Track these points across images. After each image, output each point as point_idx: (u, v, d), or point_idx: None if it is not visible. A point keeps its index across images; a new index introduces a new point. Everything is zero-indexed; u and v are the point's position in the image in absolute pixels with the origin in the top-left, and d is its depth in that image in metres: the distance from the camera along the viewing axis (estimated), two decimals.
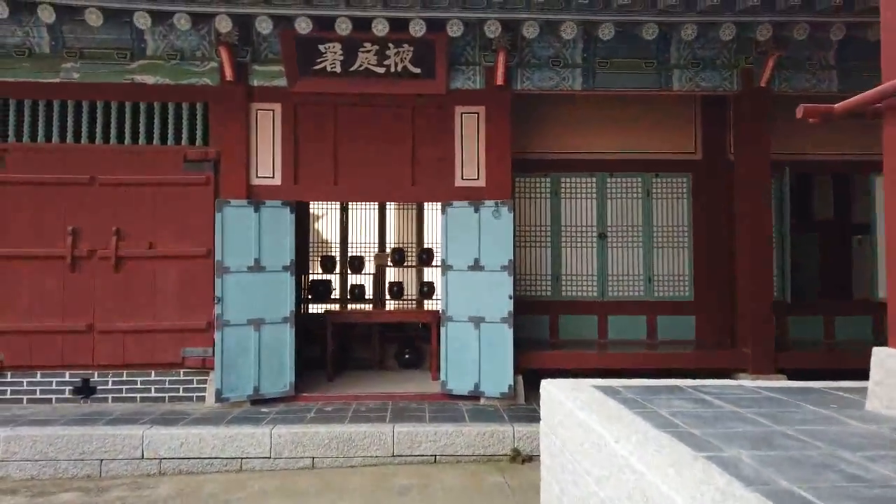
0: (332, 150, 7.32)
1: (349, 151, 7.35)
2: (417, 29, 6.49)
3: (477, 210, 7.15)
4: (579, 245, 8.61)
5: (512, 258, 7.06)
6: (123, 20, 6.67)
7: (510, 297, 7.02)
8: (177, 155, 7.15)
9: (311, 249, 10.10)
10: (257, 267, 6.96)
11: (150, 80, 7.16)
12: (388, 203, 10.21)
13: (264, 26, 6.46)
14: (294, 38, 6.81)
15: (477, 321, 7.08)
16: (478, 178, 7.39)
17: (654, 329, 8.54)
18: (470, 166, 7.39)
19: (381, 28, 6.44)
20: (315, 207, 10.17)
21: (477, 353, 7.05)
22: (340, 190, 7.34)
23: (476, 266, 7.12)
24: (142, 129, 7.21)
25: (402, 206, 10.30)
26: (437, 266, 9.65)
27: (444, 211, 7.25)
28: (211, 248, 6.92)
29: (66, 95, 7.14)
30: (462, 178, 7.39)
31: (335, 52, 7.01)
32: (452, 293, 7.19)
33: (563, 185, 8.64)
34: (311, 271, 9.90)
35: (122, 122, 7.24)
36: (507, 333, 7.00)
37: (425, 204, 10.15)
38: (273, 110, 7.29)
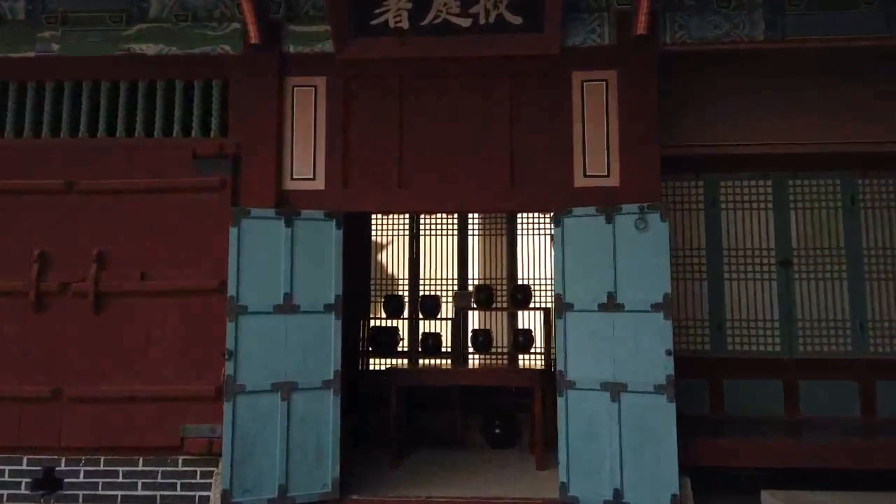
0: (395, 139, 5.25)
1: (420, 142, 5.25)
2: None
3: (610, 220, 4.84)
4: (750, 277, 6.11)
5: (669, 291, 4.67)
6: None
7: (669, 354, 4.60)
8: (183, 150, 5.25)
9: (372, 287, 8.00)
10: (288, 306, 4.87)
11: (151, 49, 5.37)
12: (470, 227, 8.01)
13: None
14: None
15: (615, 389, 4.68)
16: (608, 175, 5.11)
17: (871, 401, 5.84)
18: (596, 158, 5.13)
19: None
20: (378, 233, 8.10)
21: (616, 439, 4.64)
22: (407, 197, 5.22)
23: (611, 304, 4.77)
24: (139, 116, 5.38)
25: (488, 232, 8.08)
26: (535, 308, 7.33)
27: (557, 222, 4.97)
28: (226, 280, 4.89)
29: (42, 75, 5.44)
30: (585, 176, 5.13)
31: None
32: (574, 345, 4.85)
33: (723, 190, 6.22)
34: (371, 315, 7.78)
35: (113, 108, 5.44)
36: (668, 411, 4.56)
37: (519, 224, 7.88)
38: (315, 87, 5.31)
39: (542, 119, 5.23)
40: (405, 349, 7.61)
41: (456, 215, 7.82)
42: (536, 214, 7.72)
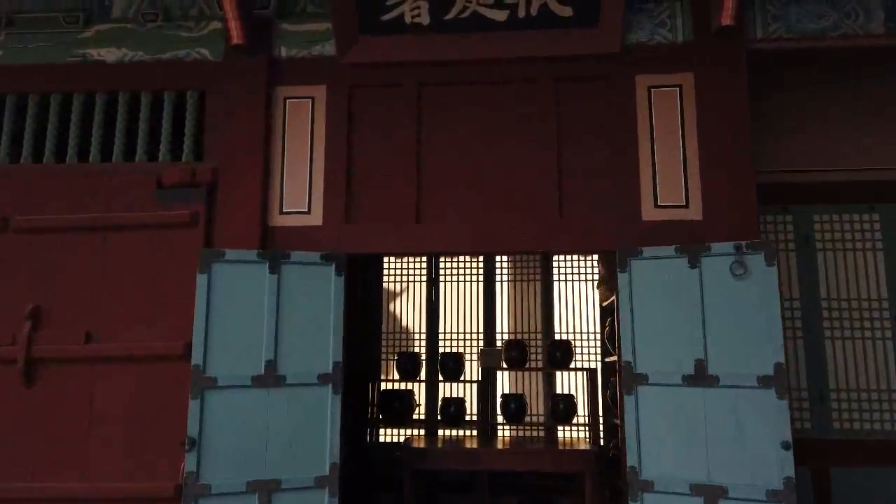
0: (412, 162, 4.18)
1: (443, 165, 4.18)
2: None
3: (695, 263, 3.70)
4: (858, 335, 4.88)
5: (783, 360, 3.48)
6: None
7: (787, 447, 3.39)
8: (145, 178, 4.22)
9: (384, 342, 6.84)
10: (271, 378, 3.75)
11: (112, 54, 4.40)
12: (498, 270, 6.87)
13: None
14: None
15: (711, 495, 3.46)
16: (686, 205, 3.99)
17: None
18: (670, 183, 4.02)
19: None
20: (390, 277, 6.97)
21: None
22: (427, 234, 4.11)
23: (700, 376, 3.59)
24: (94, 136, 4.36)
25: (520, 276, 6.93)
26: (577, 368, 6.13)
27: (623, 266, 3.84)
28: (190, 342, 3.78)
29: None
30: (656, 206, 4.01)
31: None
32: (651, 432, 3.66)
33: (817, 226, 5.05)
34: (382, 376, 6.61)
35: (63, 127, 4.44)
36: None
37: (556, 266, 6.73)
38: (312, 98, 4.29)
39: (597, 134, 4.15)
40: (422, 417, 6.41)
41: (481, 256, 6.70)
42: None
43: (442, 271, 6.88)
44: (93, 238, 4.16)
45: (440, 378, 6.35)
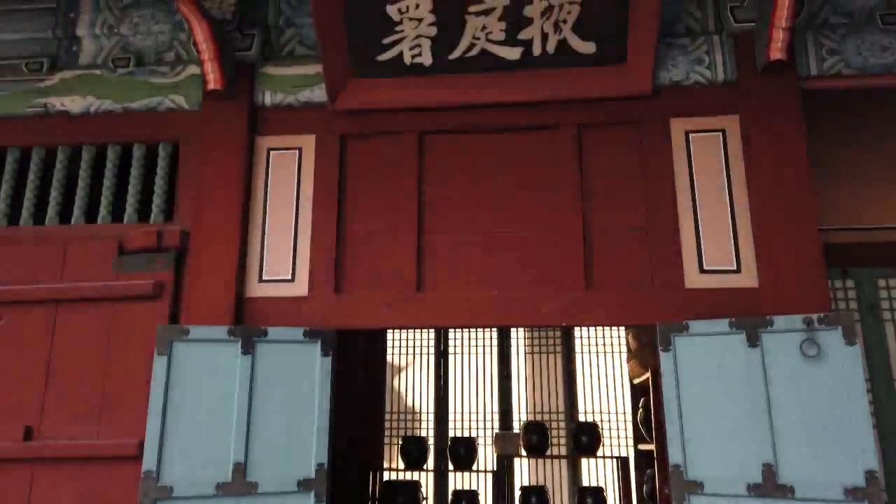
0: (412, 221, 3.64)
1: (447, 224, 3.64)
2: None
3: (754, 341, 3.07)
4: None
5: (875, 468, 2.80)
6: None
7: None
8: (106, 242, 3.70)
9: (387, 424, 6.17)
10: (240, 485, 3.12)
11: (76, 104, 3.96)
12: (514, 341, 6.22)
13: None
14: None
15: None
16: (737, 269, 3.39)
17: None
18: (716, 243, 3.44)
19: None
20: (393, 349, 6.34)
21: None
22: (430, 305, 3.52)
23: (769, 485, 2.91)
24: (51, 196, 3.89)
25: (539, 348, 6.29)
26: (607, 456, 5.41)
27: (665, 343, 3.21)
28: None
29: None
30: (701, 271, 3.41)
31: (420, 22, 3.54)
32: None
33: (882, 292, 4.40)
34: (385, 464, 5.91)
35: (19, 186, 3.97)
36: None
37: (578, 337, 6.08)
38: (299, 149, 3.81)
39: (628, 188, 3.60)
40: None
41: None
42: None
43: (452, 342, 6.26)
44: (41, 314, 3.62)
45: (450, 467, 5.64)
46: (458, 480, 5.70)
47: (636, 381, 5.23)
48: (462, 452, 5.48)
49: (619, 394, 5.98)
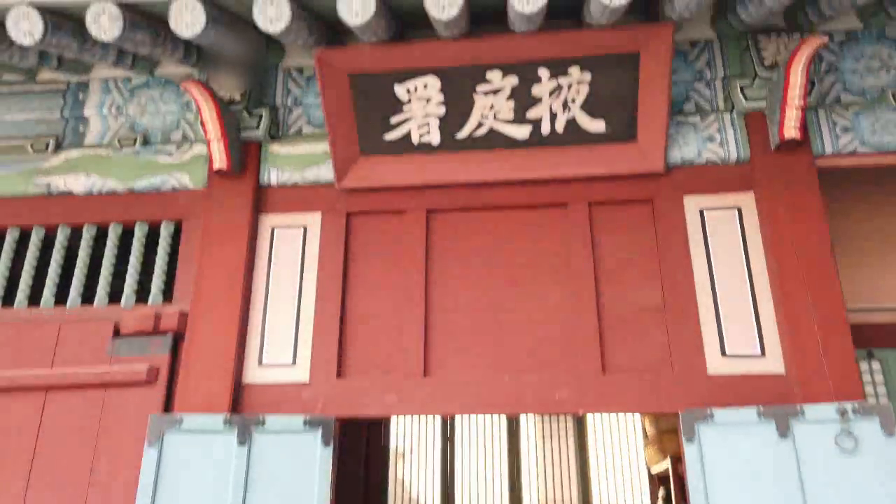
0: (419, 302, 3.53)
1: (455, 305, 3.52)
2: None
3: (785, 431, 2.90)
4: None
5: None
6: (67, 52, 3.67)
7: None
8: (101, 325, 3.59)
9: None
10: None
11: (80, 184, 3.93)
12: (524, 426, 5.98)
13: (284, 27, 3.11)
14: (349, 72, 3.46)
15: None
16: (762, 353, 3.24)
17: None
18: (739, 326, 3.30)
19: (531, 0, 2.92)
20: (397, 433, 6.08)
21: None
22: (436, 391, 3.36)
23: None
24: (49, 277, 3.80)
25: (550, 433, 6.03)
26: None
27: (689, 433, 3.02)
28: None
29: None
30: (723, 355, 3.26)
31: (428, 101, 3.54)
32: None
33: None
34: None
35: (16, 267, 3.90)
36: None
37: (591, 421, 5.84)
38: (304, 227, 3.74)
39: (643, 268, 3.49)
40: None
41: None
42: None
43: (458, 427, 6.02)
44: (30, 400, 3.46)
45: None
46: None
47: (654, 469, 4.96)
48: None
49: (635, 483, 5.68)
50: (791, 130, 3.35)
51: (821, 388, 3.01)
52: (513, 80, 3.49)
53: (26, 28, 3.15)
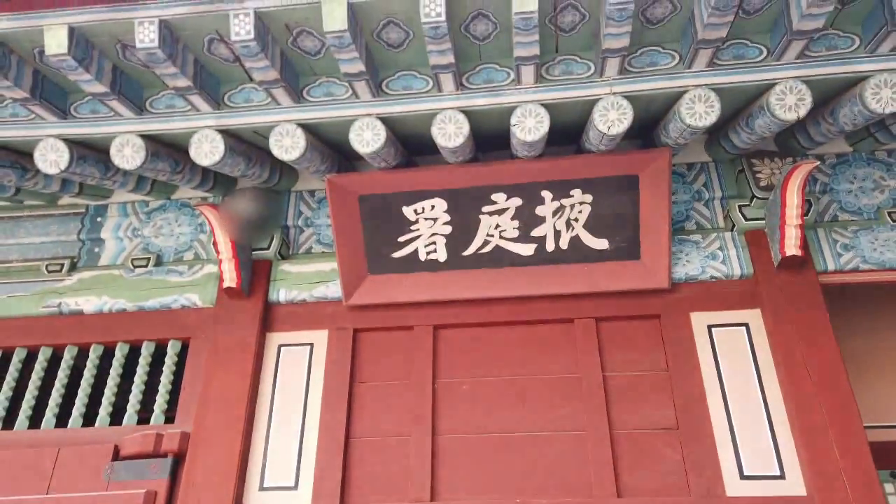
0: (426, 421, 3.49)
1: (464, 425, 3.50)
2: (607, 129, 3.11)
3: None
4: None
5: None
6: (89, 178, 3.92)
7: None
8: (101, 447, 3.55)
9: None
10: None
11: (90, 304, 4.03)
12: None
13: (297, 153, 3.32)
14: (359, 194, 3.65)
15: None
16: (781, 474, 3.18)
17: None
18: (756, 447, 3.25)
19: (533, 129, 3.13)
20: None
21: None
22: None
23: None
24: (52, 398, 3.81)
25: None
26: None
27: None
28: None
29: None
30: (742, 477, 3.20)
31: (435, 221, 3.70)
32: None
33: None
34: None
35: (20, 389, 3.92)
36: None
37: None
38: (311, 345, 3.79)
39: (654, 385, 3.49)
40: None
41: None
42: None
43: None
44: None
45: None
46: None
47: None
48: None
49: None
50: (792, 248, 3.45)
51: None
52: (517, 201, 3.65)
53: (53, 159, 3.36)
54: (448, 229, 3.73)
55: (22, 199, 4.24)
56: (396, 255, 3.79)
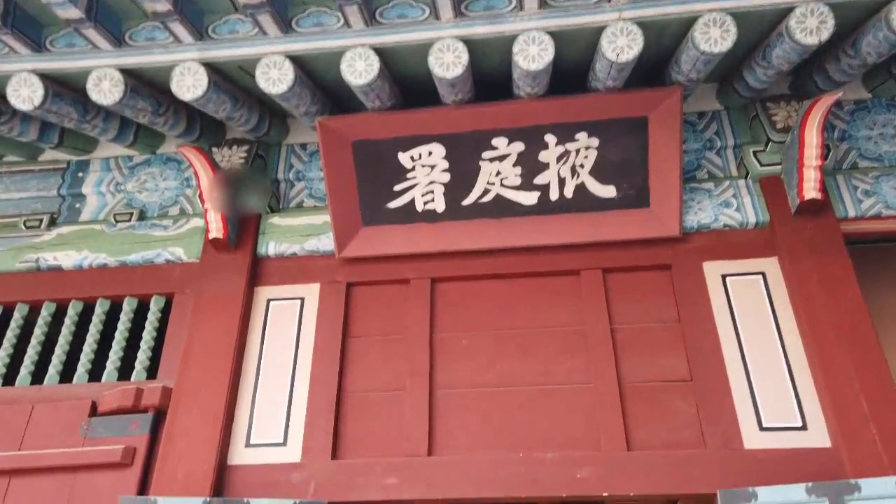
0: (423, 375, 3.32)
1: (463, 379, 3.32)
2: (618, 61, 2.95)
3: None
4: None
5: None
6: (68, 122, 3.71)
7: None
8: (78, 404, 3.37)
9: None
10: None
11: (70, 258, 3.85)
12: None
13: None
14: (352, 140, 3.48)
15: None
16: (803, 425, 2.99)
17: None
18: (775, 397, 3.07)
19: (536, 57, 2.96)
20: None
21: None
22: (443, 473, 3.06)
23: None
24: (27, 355, 3.63)
25: None
26: None
27: None
28: None
29: None
30: (761, 429, 3.01)
31: (433, 168, 3.52)
32: None
33: None
34: None
35: None
36: None
37: None
38: (301, 299, 3.61)
39: (666, 338, 3.31)
40: None
41: None
42: None
43: None
44: None
45: None
46: None
47: None
48: None
49: None
50: (811, 191, 3.28)
51: (874, 461, 2.73)
52: (519, 146, 3.48)
53: (26, 94, 3.19)
54: (446, 177, 3.56)
55: (2, 152, 4.08)
56: (392, 205, 3.62)
